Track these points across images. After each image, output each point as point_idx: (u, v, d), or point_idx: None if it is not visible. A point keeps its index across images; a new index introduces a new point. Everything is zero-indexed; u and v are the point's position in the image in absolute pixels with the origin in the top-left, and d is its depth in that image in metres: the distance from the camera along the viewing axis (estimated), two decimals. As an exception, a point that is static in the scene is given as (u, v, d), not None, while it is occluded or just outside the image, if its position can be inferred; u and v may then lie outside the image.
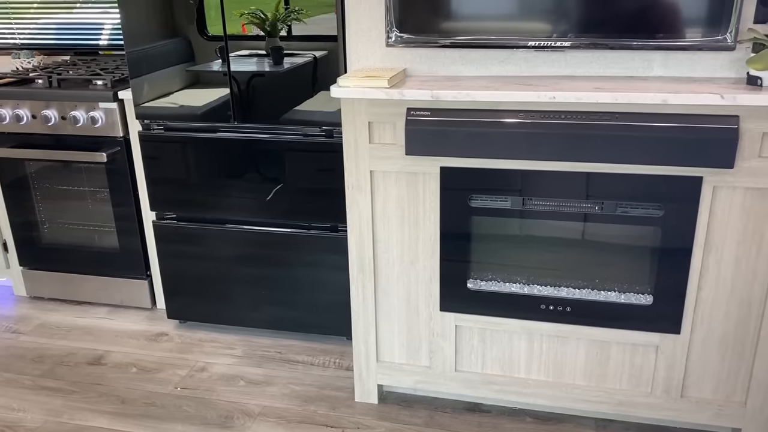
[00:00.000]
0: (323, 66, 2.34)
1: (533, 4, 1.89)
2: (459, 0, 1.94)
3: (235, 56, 2.40)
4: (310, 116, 2.39)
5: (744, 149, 1.77)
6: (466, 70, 2.09)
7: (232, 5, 2.33)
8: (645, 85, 1.84)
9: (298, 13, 2.30)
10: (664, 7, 1.80)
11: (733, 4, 1.74)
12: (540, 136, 1.85)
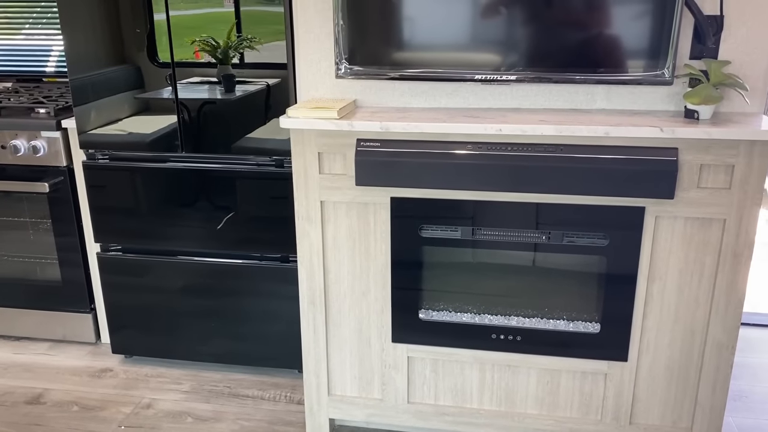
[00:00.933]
0: (276, 93, 2.33)
1: (480, 39, 1.93)
2: (407, 34, 1.96)
3: (186, 83, 2.37)
4: (263, 144, 2.37)
5: (683, 180, 1.82)
6: (415, 102, 2.11)
7: (183, 32, 2.31)
8: (588, 118, 1.89)
9: (250, 41, 2.29)
10: (605, 43, 1.86)
11: (670, 41, 1.81)
12: (487, 168, 1.88)
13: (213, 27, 2.29)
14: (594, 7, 1.84)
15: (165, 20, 2.30)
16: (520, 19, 1.89)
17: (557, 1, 1.86)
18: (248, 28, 2.27)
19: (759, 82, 1.91)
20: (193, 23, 2.30)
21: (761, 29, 1.87)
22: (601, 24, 1.85)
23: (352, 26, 1.96)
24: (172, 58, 2.34)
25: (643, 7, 1.81)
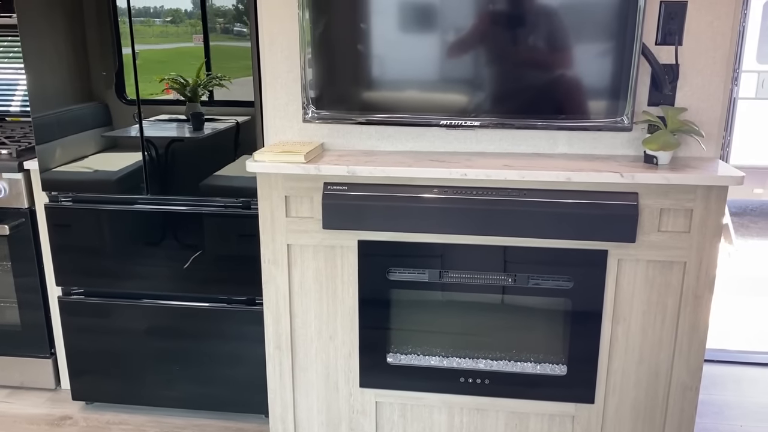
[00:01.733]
0: (245, 131, 2.31)
1: (445, 86, 1.96)
2: (374, 79, 1.98)
3: (153, 121, 2.35)
4: (231, 182, 2.35)
5: (644, 224, 1.86)
6: (382, 145, 2.13)
7: (153, 67, 2.29)
8: (551, 163, 1.93)
9: (219, 79, 2.29)
10: (566, 90, 1.91)
11: (629, 90, 1.86)
12: (453, 211, 1.89)
13: (182, 62, 2.28)
14: (554, 57, 1.89)
15: (132, 55, 2.28)
16: (484, 67, 1.93)
17: (519, 52, 1.90)
18: (217, 63, 2.27)
19: (714, 128, 1.97)
20: (163, 57, 2.30)
21: (715, 78, 1.94)
22: (562, 73, 1.89)
23: (319, 71, 1.98)
24: (138, 95, 2.32)
25: (601, 56, 1.86)
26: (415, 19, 1.94)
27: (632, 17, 1.81)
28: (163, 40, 2.28)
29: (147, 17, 2.23)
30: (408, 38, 1.95)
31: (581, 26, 1.86)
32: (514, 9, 1.88)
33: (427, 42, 1.94)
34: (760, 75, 5.07)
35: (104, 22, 2.27)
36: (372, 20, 1.93)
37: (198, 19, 2.23)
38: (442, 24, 1.91)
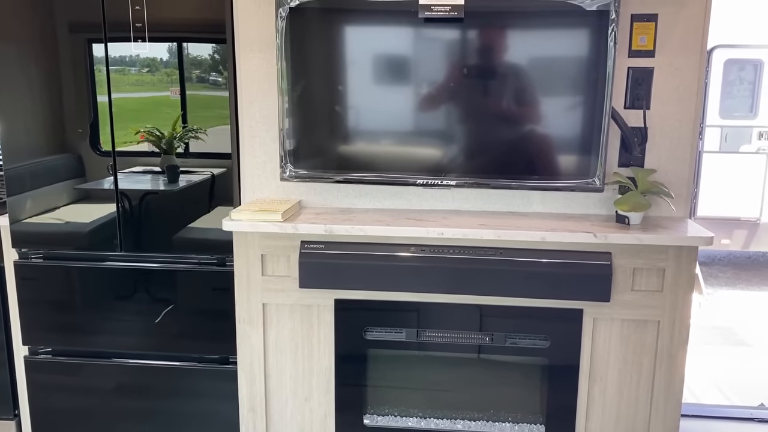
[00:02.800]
0: (221, 183, 2.30)
1: (421, 147, 1.99)
2: (351, 141, 2.01)
3: (128, 173, 2.33)
4: (206, 234, 2.32)
5: (618, 283, 1.88)
6: (359, 203, 2.14)
7: (128, 115, 2.27)
8: (526, 222, 1.95)
9: (196, 132, 2.28)
10: (539, 152, 1.95)
11: (599, 153, 1.91)
12: (430, 270, 1.90)
13: (158, 111, 2.27)
14: (527, 120, 1.94)
15: (108, 104, 2.26)
16: (459, 127, 1.98)
17: (494, 114, 1.95)
18: (194, 112, 2.26)
19: (683, 188, 2.03)
20: (138, 106, 2.29)
21: (682, 141, 2.00)
22: (535, 135, 1.94)
23: (296, 131, 2.00)
24: (114, 146, 2.29)
25: (573, 119, 1.92)
26: (390, 80, 1.98)
27: (601, 83, 1.87)
28: (138, 88, 2.28)
29: (123, 66, 2.24)
30: (384, 100, 1.99)
31: (553, 91, 1.92)
32: (487, 73, 1.94)
33: (402, 103, 1.97)
34: (723, 129, 5.25)
35: (80, 70, 2.27)
36: (349, 83, 1.97)
37: (174, 68, 2.24)
38: (416, 83, 1.96)
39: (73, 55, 2.26)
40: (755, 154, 5.24)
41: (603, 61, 1.86)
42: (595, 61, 1.87)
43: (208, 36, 2.19)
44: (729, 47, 5.13)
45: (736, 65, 5.19)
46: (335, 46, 1.96)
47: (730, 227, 5.41)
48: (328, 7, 1.92)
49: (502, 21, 1.89)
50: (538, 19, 1.89)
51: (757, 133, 5.23)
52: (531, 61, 1.91)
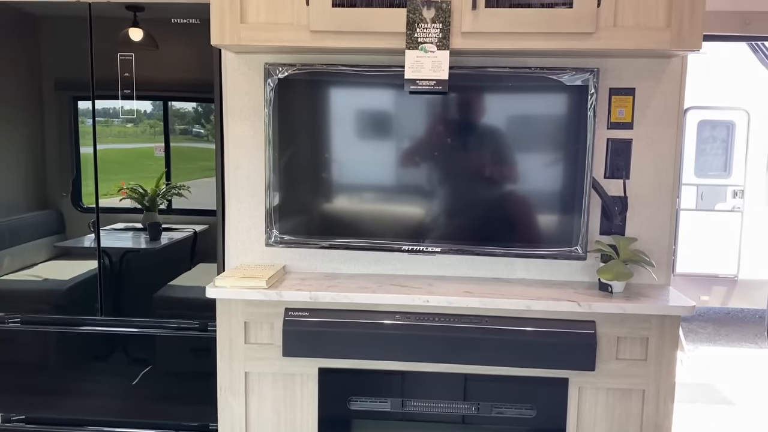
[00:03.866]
0: (203, 240, 2.28)
1: (407, 214, 2.01)
2: (338, 208, 2.02)
3: (109, 230, 2.30)
4: (187, 293, 2.28)
5: (602, 352, 1.89)
6: (344, 268, 2.14)
7: (112, 167, 2.25)
8: (510, 289, 1.96)
9: (179, 189, 2.28)
10: (523, 221, 1.98)
11: (581, 222, 1.94)
12: (415, 339, 1.89)
13: (142, 162, 2.26)
14: (511, 189, 1.97)
15: (93, 155, 2.25)
16: (445, 197, 2.00)
17: (478, 185, 1.98)
18: (178, 164, 2.26)
19: (664, 256, 2.06)
20: (123, 157, 2.28)
21: (661, 210, 2.04)
22: (519, 204, 1.97)
23: (283, 197, 2.01)
24: (97, 201, 2.27)
25: (555, 189, 1.95)
26: (376, 148, 2.01)
27: (582, 153, 1.92)
28: (122, 140, 2.27)
29: (107, 117, 2.24)
30: (370, 167, 2.02)
31: (535, 160, 1.96)
32: (471, 143, 1.98)
33: (388, 170, 2.01)
34: (699, 188, 5.37)
35: (65, 127, 2.27)
36: (335, 151, 2.00)
37: (159, 120, 2.25)
38: (401, 151, 1.99)
39: (59, 112, 2.27)
40: (730, 212, 5.36)
41: (583, 132, 1.91)
42: (575, 132, 1.92)
43: (196, 95, 2.21)
44: (702, 109, 5.30)
45: (709, 126, 5.35)
46: (322, 116, 1.99)
47: (708, 284, 5.47)
48: (316, 78, 1.96)
49: (485, 94, 1.95)
50: (521, 92, 1.95)
51: (731, 192, 5.36)
52: (513, 132, 1.96)
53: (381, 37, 1.83)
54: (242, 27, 1.85)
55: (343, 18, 1.81)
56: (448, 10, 1.79)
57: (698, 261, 5.37)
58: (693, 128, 5.33)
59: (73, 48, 2.19)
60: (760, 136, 5.32)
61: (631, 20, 1.78)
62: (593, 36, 1.78)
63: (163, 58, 2.18)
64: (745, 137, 5.30)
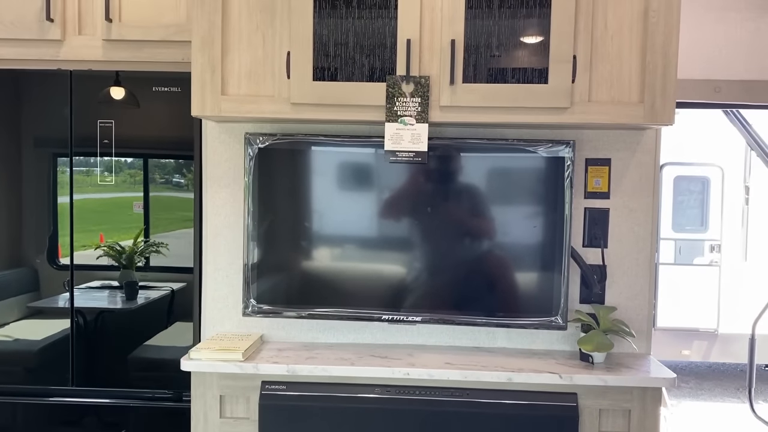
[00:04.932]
0: (180, 298, 2.23)
1: (387, 283, 2.00)
2: (317, 277, 2.01)
3: (84, 288, 2.24)
4: (162, 353, 2.21)
5: (585, 425, 1.86)
6: (323, 337, 2.11)
7: (90, 217, 2.21)
8: (491, 360, 1.94)
9: (157, 246, 2.24)
10: (503, 290, 1.98)
11: (561, 292, 1.94)
12: (396, 413, 1.85)
13: (121, 213, 2.22)
14: (491, 259, 1.97)
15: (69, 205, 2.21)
16: (425, 266, 2.00)
17: (458, 254, 1.99)
18: (156, 214, 2.22)
19: (643, 325, 2.06)
20: (101, 207, 2.25)
21: (639, 279, 2.06)
22: (498, 273, 1.97)
23: (261, 267, 1.99)
24: (72, 258, 2.22)
25: (534, 259, 1.96)
26: (357, 218, 2.02)
27: (560, 223, 1.94)
28: (101, 189, 2.24)
29: (87, 167, 2.22)
30: (351, 237, 2.01)
31: (514, 230, 1.97)
32: (450, 213, 1.99)
33: (368, 239, 2.00)
34: (676, 242, 5.44)
35: (43, 184, 2.24)
36: (314, 220, 1.99)
37: (139, 170, 2.23)
38: (382, 220, 2.00)
39: (37, 170, 2.25)
40: (708, 266, 5.42)
41: (561, 202, 1.93)
42: (553, 202, 1.94)
43: (175, 153, 2.20)
44: (677, 164, 5.41)
45: (685, 181, 5.45)
46: (302, 185, 1.99)
47: (689, 338, 5.48)
48: (296, 148, 1.97)
49: (463, 164, 1.97)
50: (499, 163, 1.97)
51: (708, 246, 5.43)
52: (492, 202, 1.98)
53: (361, 110, 1.85)
54: (223, 99, 1.86)
55: (323, 91, 1.83)
56: (427, 84, 1.82)
57: (678, 315, 5.39)
58: (669, 183, 5.44)
59: (53, 106, 2.19)
60: (735, 191, 5.43)
61: (605, 95, 1.82)
62: (568, 111, 1.81)
63: (143, 116, 2.17)
64: (720, 193, 5.41)
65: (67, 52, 2.20)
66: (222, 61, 1.85)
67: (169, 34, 2.15)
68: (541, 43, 1.81)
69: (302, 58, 1.83)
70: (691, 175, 5.45)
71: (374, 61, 1.84)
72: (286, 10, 1.83)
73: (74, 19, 2.19)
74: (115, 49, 2.18)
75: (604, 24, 1.81)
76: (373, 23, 1.83)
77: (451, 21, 1.80)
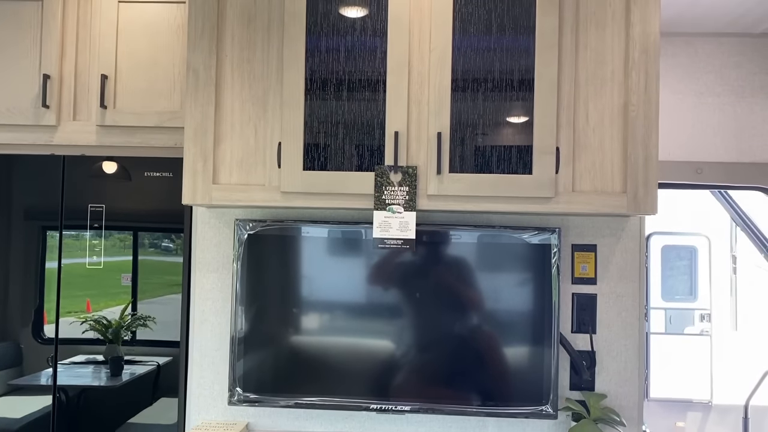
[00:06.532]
0: (166, 373, 2.19)
1: (376, 371, 1.98)
2: (306, 365, 1.98)
3: (68, 364, 2.19)
4: (148, 430, 2.16)
5: None
6: (311, 425, 2.07)
7: (77, 282, 2.17)
8: (482, 451, 1.91)
9: (144, 320, 2.21)
10: (491, 379, 1.96)
11: (551, 381, 1.93)
12: None
13: (110, 278, 2.20)
14: (480, 347, 1.96)
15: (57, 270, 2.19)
16: (415, 354, 1.98)
17: (447, 342, 1.97)
18: (145, 278, 2.20)
19: (633, 411, 2.04)
20: (88, 272, 2.22)
21: (629, 364, 2.05)
22: (488, 361, 1.96)
23: (248, 354, 1.97)
24: (57, 332, 2.18)
25: (523, 346, 1.95)
26: (345, 305, 2.01)
27: (548, 309, 1.94)
28: (90, 253, 2.22)
29: (78, 231, 2.21)
30: (339, 323, 2.00)
31: (502, 317, 1.97)
32: (438, 299, 1.99)
33: (357, 326, 1.99)
34: (666, 311, 5.43)
35: (31, 258, 2.23)
36: (303, 306, 1.99)
37: (129, 234, 2.22)
38: (370, 306, 1.99)
39: (25, 242, 2.24)
40: (699, 335, 5.40)
41: (548, 288, 1.94)
42: (540, 288, 1.95)
43: (165, 226, 2.20)
44: (665, 234, 5.46)
45: (673, 251, 5.49)
46: (291, 271, 2.00)
47: (683, 409, 5.40)
48: (286, 234, 1.99)
49: (451, 250, 1.99)
50: (486, 249, 1.99)
51: (698, 316, 5.42)
52: (480, 288, 1.98)
53: (350, 198, 1.87)
54: (214, 187, 1.88)
55: (313, 180, 1.87)
56: (415, 174, 1.86)
57: (671, 386, 5.33)
58: (657, 253, 5.47)
59: (45, 184, 2.21)
60: (722, 261, 5.47)
61: (589, 185, 1.86)
62: (553, 200, 1.85)
63: (134, 193, 2.19)
64: (708, 262, 5.45)
65: (61, 136, 2.24)
66: (214, 150, 1.89)
67: (163, 121, 2.20)
68: (525, 135, 1.86)
69: (293, 148, 1.87)
70: (678, 245, 5.50)
71: (363, 151, 1.88)
72: (278, 102, 1.88)
73: (69, 105, 2.24)
74: (108, 134, 2.22)
75: (585, 117, 1.87)
76: (362, 115, 1.88)
77: (437, 114, 1.85)
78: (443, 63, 1.85)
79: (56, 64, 2.24)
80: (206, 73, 1.88)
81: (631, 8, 1.84)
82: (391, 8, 1.85)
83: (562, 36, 1.85)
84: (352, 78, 1.87)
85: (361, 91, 1.87)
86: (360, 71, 1.87)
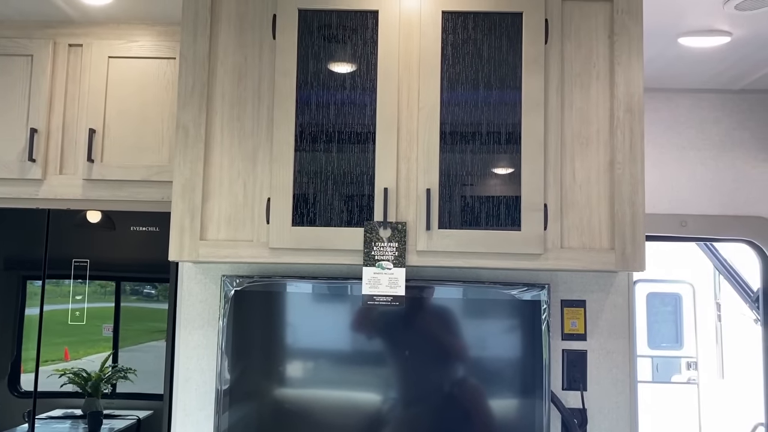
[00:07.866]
0: (147, 428, 2.12)
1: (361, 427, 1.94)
2: (290, 423, 1.94)
3: (46, 419, 2.12)
4: None
5: None
6: (296, 487, 2.01)
7: (57, 330, 2.12)
8: None
9: (125, 372, 2.15)
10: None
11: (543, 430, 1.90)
12: None
13: (90, 325, 2.15)
14: (469, 405, 1.94)
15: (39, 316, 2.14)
16: (402, 412, 1.95)
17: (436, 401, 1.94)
18: (127, 325, 2.16)
19: (626, 471, 2.01)
20: (68, 318, 2.16)
21: (620, 422, 2.03)
22: (478, 420, 1.93)
23: (233, 412, 1.93)
24: (36, 385, 2.12)
25: (513, 403, 1.93)
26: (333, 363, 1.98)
27: (538, 366, 1.92)
28: (72, 300, 2.18)
29: (59, 278, 2.16)
30: (328, 384, 1.97)
31: (492, 374, 1.95)
32: (427, 358, 1.97)
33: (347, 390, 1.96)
34: (653, 359, 5.42)
35: (10, 309, 2.17)
36: (289, 365, 1.95)
37: (111, 280, 2.18)
38: (360, 366, 1.96)
39: (5, 293, 2.19)
40: (686, 384, 5.38)
41: (539, 345, 1.93)
42: (531, 345, 1.93)
43: (150, 276, 2.17)
44: (649, 281, 5.50)
45: (657, 298, 5.52)
46: (278, 329, 1.97)
47: (676, 462, 5.34)
48: (273, 290, 1.96)
49: (440, 306, 1.97)
50: (475, 305, 1.98)
51: (685, 363, 5.41)
52: (469, 345, 1.96)
53: (339, 254, 1.86)
54: (202, 244, 1.86)
55: (302, 236, 1.86)
56: (404, 230, 1.86)
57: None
58: (642, 300, 5.49)
59: (28, 237, 2.18)
60: (707, 308, 5.50)
61: (577, 242, 1.87)
62: (541, 257, 1.85)
63: (119, 245, 2.16)
64: (693, 309, 5.47)
65: (47, 190, 2.22)
66: (202, 207, 1.87)
67: (151, 175, 2.19)
68: (513, 192, 1.87)
69: (282, 204, 1.86)
70: (663, 292, 5.53)
71: (352, 206, 1.88)
72: (268, 158, 1.88)
73: (56, 159, 2.23)
74: (94, 188, 2.21)
75: (572, 174, 1.89)
76: (351, 171, 1.88)
77: (426, 171, 1.87)
78: (432, 120, 1.87)
79: (44, 118, 2.23)
80: (196, 130, 1.88)
81: (615, 69, 1.89)
82: (380, 67, 1.88)
83: (548, 96, 1.89)
84: (341, 134, 1.89)
85: (351, 147, 1.88)
86: (350, 127, 1.89)
